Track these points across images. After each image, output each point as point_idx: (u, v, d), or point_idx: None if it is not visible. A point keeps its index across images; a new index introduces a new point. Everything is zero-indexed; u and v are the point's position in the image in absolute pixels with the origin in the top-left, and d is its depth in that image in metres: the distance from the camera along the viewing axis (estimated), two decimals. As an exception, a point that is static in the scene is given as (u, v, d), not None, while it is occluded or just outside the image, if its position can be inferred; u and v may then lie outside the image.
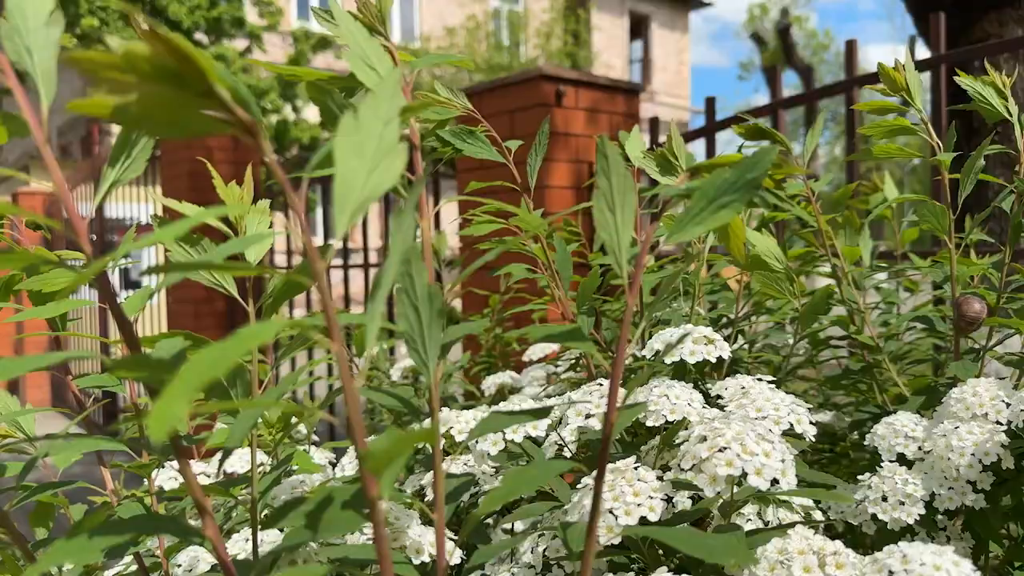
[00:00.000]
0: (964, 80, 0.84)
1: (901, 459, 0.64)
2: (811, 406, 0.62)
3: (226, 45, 9.39)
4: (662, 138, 2.64)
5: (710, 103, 2.00)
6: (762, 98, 27.75)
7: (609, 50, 19.50)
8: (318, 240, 3.66)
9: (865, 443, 0.67)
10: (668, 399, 0.48)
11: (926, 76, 1.81)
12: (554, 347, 1.10)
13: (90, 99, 0.25)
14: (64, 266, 0.41)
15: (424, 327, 0.28)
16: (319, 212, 4.25)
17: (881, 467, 0.62)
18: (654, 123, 2.11)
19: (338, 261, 3.47)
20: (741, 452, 0.39)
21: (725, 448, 0.39)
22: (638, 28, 21.59)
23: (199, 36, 9.37)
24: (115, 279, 5.78)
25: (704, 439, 0.41)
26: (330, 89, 0.34)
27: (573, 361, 0.97)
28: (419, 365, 0.29)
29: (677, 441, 0.43)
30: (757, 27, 21.77)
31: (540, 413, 0.36)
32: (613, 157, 0.31)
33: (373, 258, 13.47)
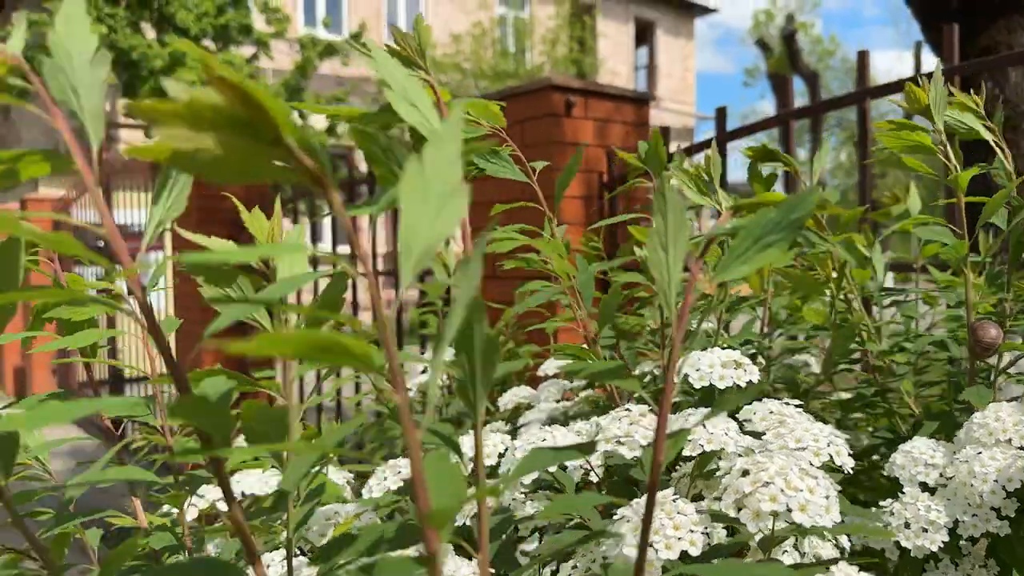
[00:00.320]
0: (951, 113, 0.84)
1: (923, 486, 0.63)
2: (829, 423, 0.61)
3: (233, 52, 9.42)
4: (673, 147, 2.64)
5: (720, 113, 1.99)
6: (768, 105, 27.78)
7: (614, 57, 19.52)
8: (326, 246, 3.65)
9: (884, 472, 0.67)
10: (705, 428, 0.48)
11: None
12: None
13: (151, 145, 0.25)
14: (99, 300, 0.41)
15: (477, 375, 0.28)
16: (314, 216, 4.25)
17: (903, 493, 0.62)
18: (665, 132, 2.11)
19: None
20: (785, 488, 0.38)
21: (769, 483, 0.39)
22: (643, 34, 21.62)
23: (207, 43, 9.41)
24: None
25: (746, 473, 0.40)
26: (375, 134, 0.34)
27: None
28: (466, 405, 0.29)
29: (719, 473, 0.43)
30: (762, 33, 21.79)
31: (586, 449, 0.35)
32: (671, 197, 0.31)
33: (380, 264, 13.31)
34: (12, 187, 0.40)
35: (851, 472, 0.51)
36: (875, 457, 0.88)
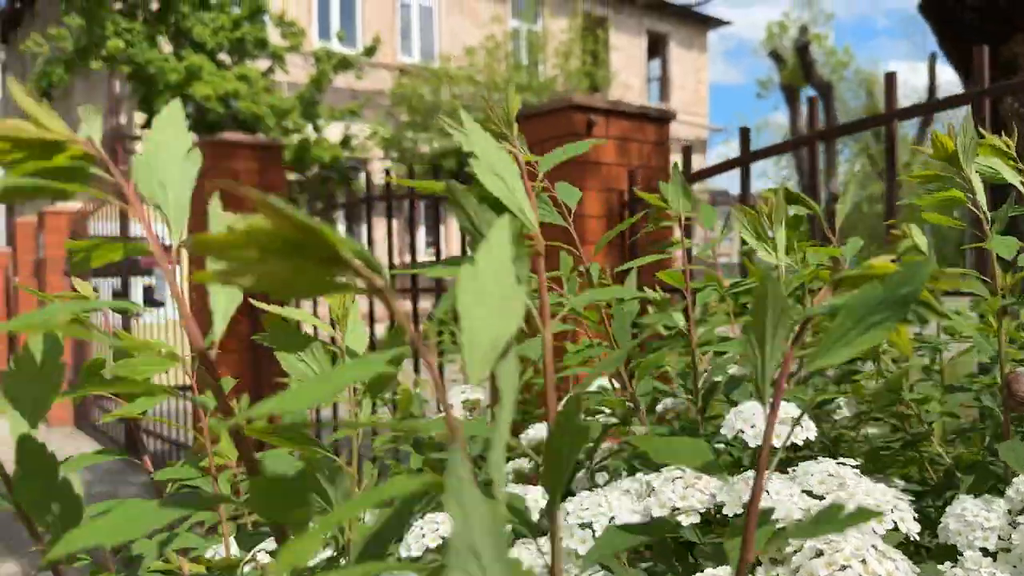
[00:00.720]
0: (980, 160, 0.80)
1: (983, 551, 0.61)
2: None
3: (249, 65, 9.50)
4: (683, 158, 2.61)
5: (744, 133, 1.97)
6: (781, 116, 27.71)
7: (627, 69, 19.55)
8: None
9: (938, 539, 0.64)
10: (768, 493, 0.46)
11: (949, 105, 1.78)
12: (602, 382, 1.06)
13: (215, 272, 0.24)
14: (160, 359, 0.40)
15: (555, 474, 0.27)
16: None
17: (962, 556, 0.59)
18: (687, 151, 2.10)
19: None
20: (863, 573, 0.36)
21: (846, 567, 0.36)
22: (656, 47, 21.66)
23: (222, 56, 9.49)
24: (137, 296, 5.82)
25: (820, 554, 0.38)
26: (465, 205, 0.32)
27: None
28: (548, 517, 0.27)
29: (788, 549, 0.40)
30: (776, 45, 21.77)
31: (657, 531, 0.33)
32: (774, 289, 0.29)
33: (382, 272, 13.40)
34: (32, 199, 0.39)
35: (916, 538, 0.48)
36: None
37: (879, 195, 23.42)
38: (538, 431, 1.04)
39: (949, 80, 20.70)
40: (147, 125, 9.66)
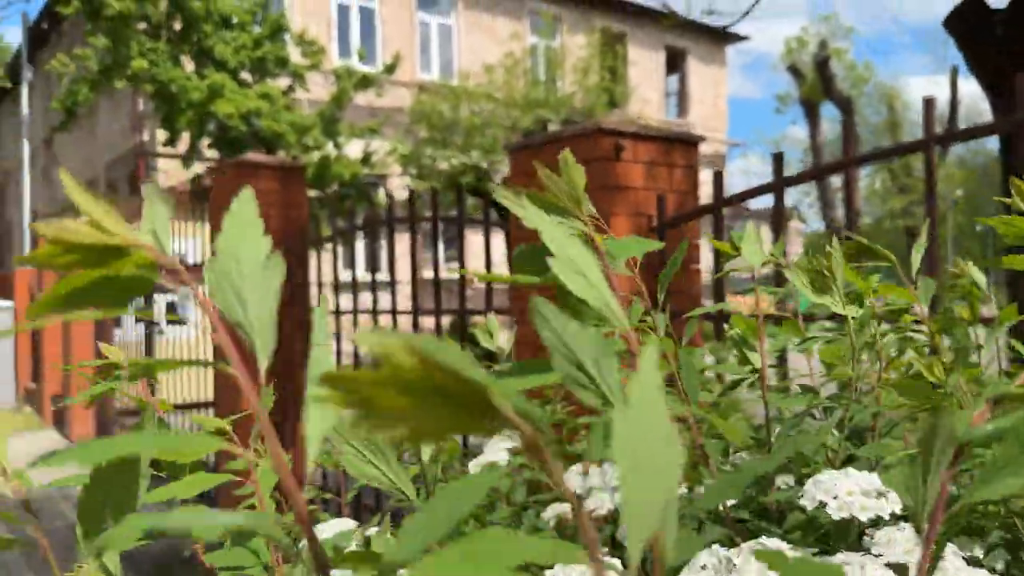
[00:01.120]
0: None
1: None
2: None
3: (270, 84, 9.60)
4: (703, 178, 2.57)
5: (778, 159, 1.93)
6: (800, 131, 27.57)
7: (645, 84, 19.55)
8: (358, 272, 3.63)
9: None
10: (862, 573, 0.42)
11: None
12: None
13: (355, 420, 0.21)
14: (207, 438, 0.36)
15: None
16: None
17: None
18: (719, 176, 2.06)
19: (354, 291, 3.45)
20: None
21: None
22: (675, 62, 21.66)
23: (244, 75, 9.60)
24: (160, 312, 5.84)
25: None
26: (556, 329, 0.29)
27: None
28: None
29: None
30: (795, 59, 21.68)
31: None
32: (944, 422, 0.25)
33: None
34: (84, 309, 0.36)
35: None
36: None
37: (899, 210, 23.17)
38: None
39: (971, 93, 20.47)
40: (170, 142, 9.76)
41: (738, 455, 0.78)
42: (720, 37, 20.98)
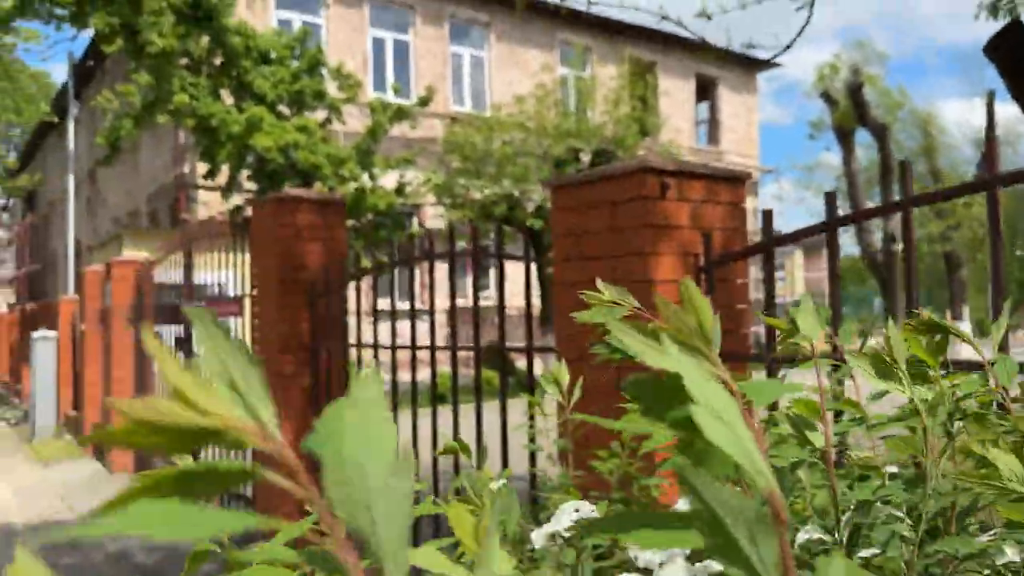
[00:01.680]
0: None
1: None
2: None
3: (307, 117, 9.79)
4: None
5: (830, 198, 1.90)
6: (834, 158, 27.30)
7: (676, 112, 19.58)
8: (386, 302, 3.65)
9: None
10: None
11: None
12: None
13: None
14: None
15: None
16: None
17: None
18: (768, 215, 2.03)
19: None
20: None
21: None
22: (706, 89, 21.68)
23: (282, 108, 9.81)
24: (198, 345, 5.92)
25: None
26: (708, 489, 0.27)
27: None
28: None
29: None
30: (827, 86, 21.56)
31: None
32: None
33: (438, 318, 13.55)
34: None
35: None
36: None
37: (937, 235, 22.74)
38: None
39: (1010, 116, 20.14)
40: (210, 175, 9.98)
41: (805, 534, 0.75)
42: (751, 65, 20.97)
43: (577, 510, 0.83)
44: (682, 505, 0.99)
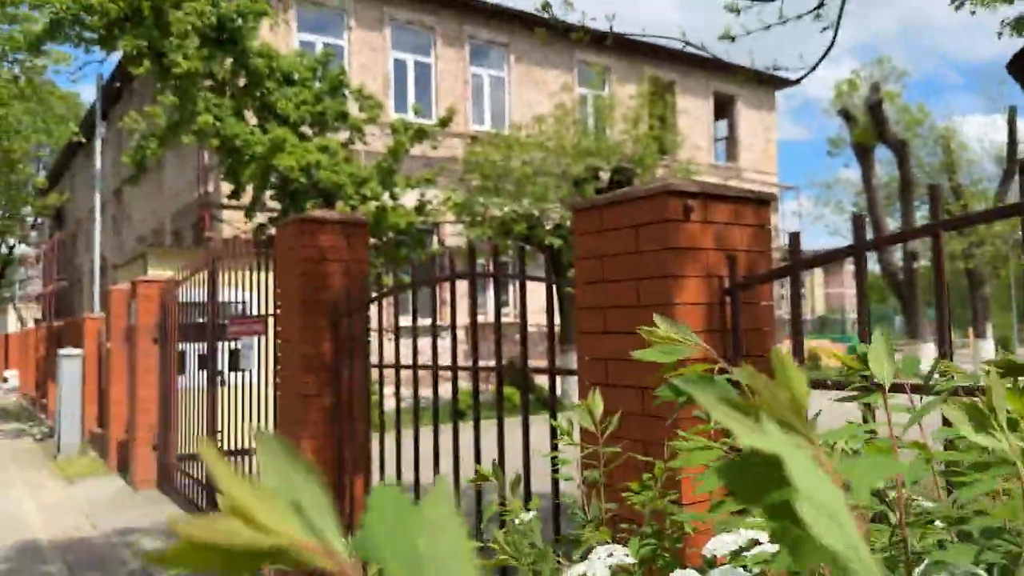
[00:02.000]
0: None
1: None
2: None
3: (329, 137, 9.91)
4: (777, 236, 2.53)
5: (858, 220, 1.90)
6: (852, 174, 27.14)
7: (695, 131, 19.59)
8: (406, 319, 3.67)
9: None
10: None
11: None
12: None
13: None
14: None
15: None
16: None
17: None
18: (795, 237, 2.03)
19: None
20: None
21: None
22: (724, 107, 21.67)
23: (305, 129, 9.94)
24: (223, 360, 5.96)
25: None
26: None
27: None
28: None
29: None
30: (846, 103, 21.46)
31: None
32: None
33: (460, 334, 13.54)
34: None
35: None
36: None
37: (959, 252, 22.41)
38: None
39: (1031, 133, 19.90)
40: (234, 194, 10.12)
41: None
42: (769, 82, 20.95)
43: (611, 554, 0.82)
44: (714, 544, 0.94)
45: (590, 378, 2.39)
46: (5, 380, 19.87)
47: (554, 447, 1.69)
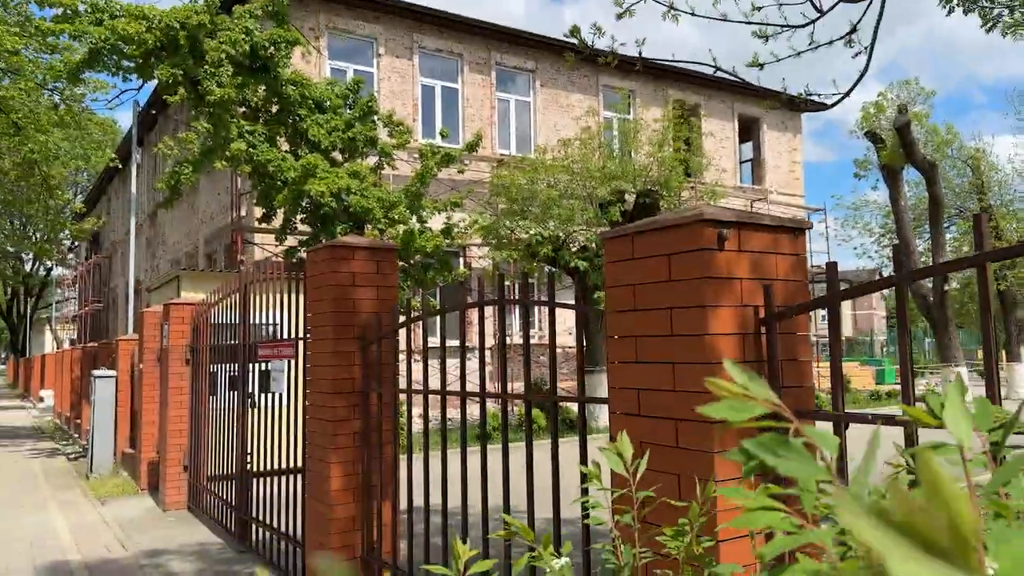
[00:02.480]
0: None
1: None
2: None
3: (359, 162, 10.05)
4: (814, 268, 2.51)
5: (897, 250, 1.88)
6: (879, 195, 26.81)
7: (720, 153, 19.54)
8: (435, 340, 3.68)
9: None
10: None
11: None
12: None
13: None
14: None
15: None
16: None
17: None
18: (832, 267, 2.01)
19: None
20: None
21: None
22: (748, 129, 21.62)
23: (335, 154, 10.10)
24: (254, 382, 6.02)
25: None
26: None
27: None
28: None
29: None
30: (872, 125, 21.29)
31: None
32: None
33: (488, 356, 13.62)
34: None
35: None
36: None
37: (990, 274, 22.05)
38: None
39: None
40: (265, 218, 10.28)
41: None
42: (794, 105, 20.85)
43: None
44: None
45: (621, 408, 2.37)
46: (41, 400, 20.26)
47: (584, 491, 1.66)
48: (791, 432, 0.44)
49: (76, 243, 33.49)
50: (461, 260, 14.76)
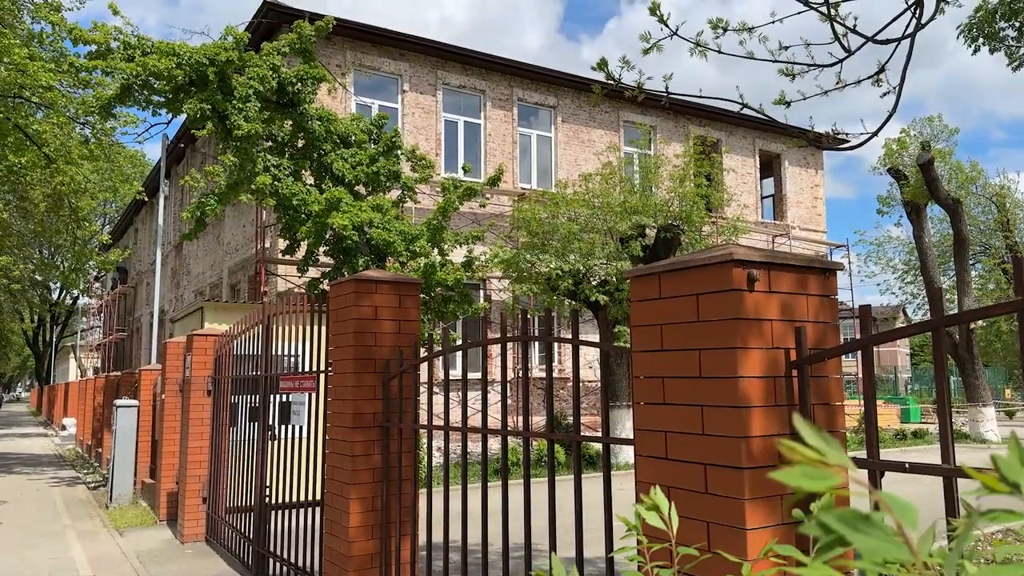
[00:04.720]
0: None
1: None
2: None
3: (382, 196, 10.15)
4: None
5: (935, 293, 1.84)
6: (901, 231, 26.57)
7: (741, 189, 19.53)
8: (457, 372, 3.64)
9: None
10: None
11: None
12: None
13: None
14: None
15: None
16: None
17: None
18: (866, 310, 1.98)
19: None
20: None
21: None
22: (769, 165, 21.60)
23: (359, 188, 10.21)
24: (274, 414, 6.02)
25: None
26: None
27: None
28: None
29: None
30: (895, 161, 21.20)
31: None
32: None
33: (508, 390, 13.46)
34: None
35: None
36: None
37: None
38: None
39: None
40: (289, 250, 10.38)
41: None
42: (820, 143, 20.82)
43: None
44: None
45: (647, 450, 2.32)
46: (63, 428, 20.41)
47: (607, 534, 1.63)
48: (871, 503, 0.42)
49: (103, 272, 34.10)
50: (481, 293, 14.78)
